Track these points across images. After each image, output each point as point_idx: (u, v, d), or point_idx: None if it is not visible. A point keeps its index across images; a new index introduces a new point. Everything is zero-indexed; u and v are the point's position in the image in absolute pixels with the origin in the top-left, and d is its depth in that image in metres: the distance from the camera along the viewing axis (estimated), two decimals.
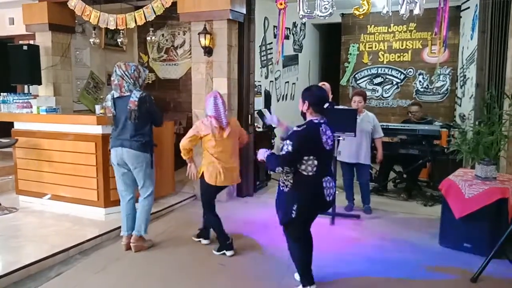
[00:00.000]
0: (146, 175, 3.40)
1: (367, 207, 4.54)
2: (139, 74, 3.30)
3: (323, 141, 2.50)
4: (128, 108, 3.23)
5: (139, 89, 3.31)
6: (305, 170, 2.50)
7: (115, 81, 3.26)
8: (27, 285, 2.92)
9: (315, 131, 2.50)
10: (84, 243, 3.55)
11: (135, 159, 3.32)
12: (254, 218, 4.33)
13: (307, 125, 2.54)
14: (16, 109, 4.94)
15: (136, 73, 3.28)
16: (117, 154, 3.35)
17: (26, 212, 4.42)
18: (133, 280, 3.01)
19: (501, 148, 3.56)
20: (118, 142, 3.33)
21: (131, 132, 3.28)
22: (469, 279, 2.95)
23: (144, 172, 3.37)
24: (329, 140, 2.54)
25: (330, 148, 2.56)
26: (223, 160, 3.32)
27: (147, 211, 3.48)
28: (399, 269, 3.18)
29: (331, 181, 2.59)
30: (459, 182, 3.50)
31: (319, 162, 2.50)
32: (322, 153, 2.51)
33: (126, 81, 3.25)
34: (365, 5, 3.91)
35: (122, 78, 3.24)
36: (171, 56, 7.42)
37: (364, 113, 4.53)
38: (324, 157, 2.53)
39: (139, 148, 3.29)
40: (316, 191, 2.53)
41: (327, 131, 2.54)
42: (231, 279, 3.04)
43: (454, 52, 6.66)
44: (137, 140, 3.28)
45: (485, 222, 3.33)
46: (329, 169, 2.61)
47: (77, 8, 5.32)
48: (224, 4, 4.59)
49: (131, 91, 3.26)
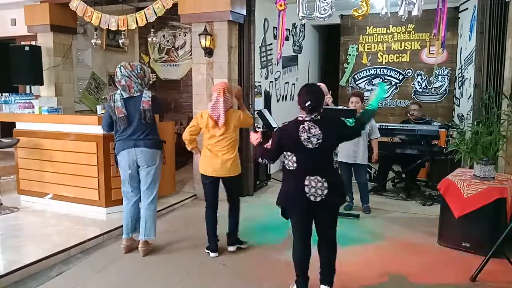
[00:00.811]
0: (156, 175, 3.40)
1: (366, 207, 4.57)
2: (144, 74, 3.31)
3: (301, 139, 2.47)
4: (141, 108, 3.23)
5: (147, 89, 3.35)
6: (287, 165, 2.60)
7: (122, 82, 3.23)
8: (28, 284, 2.94)
9: (294, 128, 2.52)
10: (85, 242, 3.58)
11: (150, 157, 3.32)
12: (254, 217, 4.34)
13: (289, 122, 2.60)
14: (18, 109, 4.97)
15: (142, 72, 3.29)
16: (130, 155, 3.30)
17: (27, 212, 4.45)
18: (134, 280, 3.03)
19: (500, 148, 3.58)
20: (131, 143, 3.28)
21: (144, 131, 3.28)
22: (468, 279, 2.97)
23: (155, 171, 3.38)
24: (313, 138, 2.46)
25: (316, 147, 2.47)
26: (215, 151, 3.31)
27: (154, 215, 3.46)
28: (397, 268, 3.20)
29: (320, 182, 2.47)
30: (457, 182, 3.52)
31: (298, 158, 2.51)
32: (302, 150, 2.49)
33: (134, 81, 3.23)
34: (364, 6, 3.93)
35: (130, 78, 3.22)
36: (172, 57, 7.46)
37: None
38: (305, 155, 2.50)
39: (153, 146, 3.33)
40: (294, 186, 2.53)
41: (312, 129, 2.47)
42: (232, 279, 3.05)
43: (452, 52, 6.69)
44: (151, 139, 3.32)
45: (484, 222, 3.35)
46: (317, 168, 2.50)
47: (78, 9, 5.35)
48: (224, 6, 4.63)
49: (141, 91, 3.27)
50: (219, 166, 3.30)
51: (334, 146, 2.56)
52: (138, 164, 3.34)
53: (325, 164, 2.53)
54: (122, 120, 3.24)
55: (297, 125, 2.51)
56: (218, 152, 3.32)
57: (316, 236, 2.66)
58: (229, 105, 3.32)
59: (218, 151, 3.32)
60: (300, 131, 2.48)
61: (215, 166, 3.31)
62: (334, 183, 2.52)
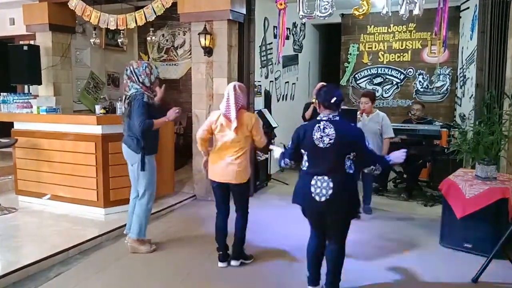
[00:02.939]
0: (140, 176, 3.35)
1: (368, 208, 4.54)
2: (150, 71, 3.35)
3: (314, 137, 2.49)
4: (123, 106, 3.35)
5: (140, 87, 3.27)
6: (301, 164, 2.63)
7: (124, 82, 3.39)
8: (27, 285, 2.92)
9: (309, 127, 2.56)
10: (84, 243, 3.55)
11: (128, 156, 3.41)
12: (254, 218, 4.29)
13: (309, 121, 2.69)
14: (16, 109, 4.94)
15: (148, 69, 3.33)
16: (123, 150, 3.46)
17: (25, 212, 4.42)
18: (133, 281, 3.00)
19: (501, 148, 3.55)
20: (123, 138, 3.45)
21: (127, 129, 3.37)
22: (470, 280, 2.94)
23: (138, 172, 3.34)
24: (325, 138, 2.46)
25: (327, 147, 2.46)
26: (221, 154, 3.13)
27: (138, 213, 3.39)
28: (399, 269, 3.17)
29: (325, 182, 2.46)
30: (459, 182, 3.50)
31: (309, 158, 2.55)
32: (314, 150, 2.50)
33: (132, 80, 3.30)
34: (365, 5, 3.91)
35: (129, 78, 3.31)
36: (171, 56, 7.43)
37: (374, 113, 4.56)
38: (317, 154, 2.50)
39: (131, 146, 3.34)
40: (303, 185, 2.56)
41: (327, 129, 2.47)
42: (231, 280, 3.03)
43: (453, 52, 6.66)
44: (131, 139, 3.33)
45: (486, 222, 3.33)
46: (326, 168, 2.48)
47: (77, 8, 5.32)
48: (224, 5, 4.60)
49: (130, 89, 3.30)
50: (220, 170, 3.12)
51: (346, 151, 2.48)
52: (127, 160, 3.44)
53: (335, 165, 2.48)
54: (121, 116, 3.47)
55: (314, 124, 2.55)
56: (225, 154, 3.12)
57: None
58: (241, 102, 3.10)
59: (224, 154, 3.12)
60: (314, 130, 2.51)
61: (217, 169, 3.15)
62: (341, 186, 2.46)
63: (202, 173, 3.44)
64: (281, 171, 6.71)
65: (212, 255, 3.40)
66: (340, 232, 2.62)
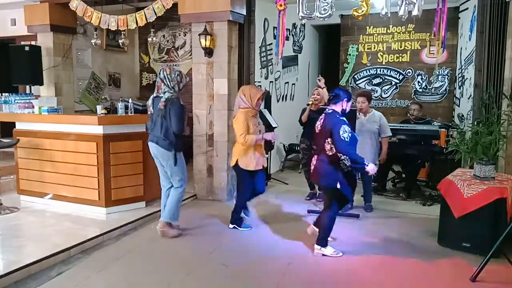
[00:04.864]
0: (173, 170, 3.68)
1: (369, 205, 4.57)
2: (181, 79, 3.64)
3: (315, 125, 3.39)
4: (158, 107, 3.57)
5: (173, 92, 3.56)
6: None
7: (157, 83, 3.63)
8: (28, 284, 2.93)
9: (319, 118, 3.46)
10: (85, 242, 3.57)
11: (161, 155, 3.65)
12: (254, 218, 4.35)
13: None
14: (17, 109, 4.97)
15: (178, 77, 3.62)
16: (151, 149, 3.70)
17: (27, 212, 4.44)
18: (134, 280, 3.02)
19: (500, 148, 3.58)
20: (151, 137, 3.68)
21: (160, 130, 3.58)
22: (468, 279, 2.96)
23: (171, 167, 3.66)
24: (318, 125, 3.36)
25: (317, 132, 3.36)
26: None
27: (173, 201, 3.76)
28: (397, 268, 3.20)
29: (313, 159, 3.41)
30: (458, 182, 3.52)
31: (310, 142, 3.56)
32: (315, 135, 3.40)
33: (165, 84, 3.56)
34: (364, 6, 3.92)
35: (162, 81, 3.57)
36: (172, 56, 7.46)
37: (371, 113, 4.58)
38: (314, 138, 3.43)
39: (164, 146, 3.58)
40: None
41: (322, 119, 3.33)
42: (231, 278, 3.05)
43: (452, 52, 6.69)
44: (164, 139, 3.57)
45: (484, 222, 3.35)
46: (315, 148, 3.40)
47: (78, 9, 5.35)
48: (224, 6, 4.63)
49: (165, 92, 3.55)
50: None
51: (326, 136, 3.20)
52: (158, 157, 3.68)
53: (320, 148, 3.31)
54: (149, 116, 3.70)
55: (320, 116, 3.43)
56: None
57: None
58: (239, 105, 3.80)
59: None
60: (318, 120, 3.40)
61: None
62: (318, 164, 3.32)
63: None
64: (281, 170, 6.74)
65: (212, 254, 3.43)
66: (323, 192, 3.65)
